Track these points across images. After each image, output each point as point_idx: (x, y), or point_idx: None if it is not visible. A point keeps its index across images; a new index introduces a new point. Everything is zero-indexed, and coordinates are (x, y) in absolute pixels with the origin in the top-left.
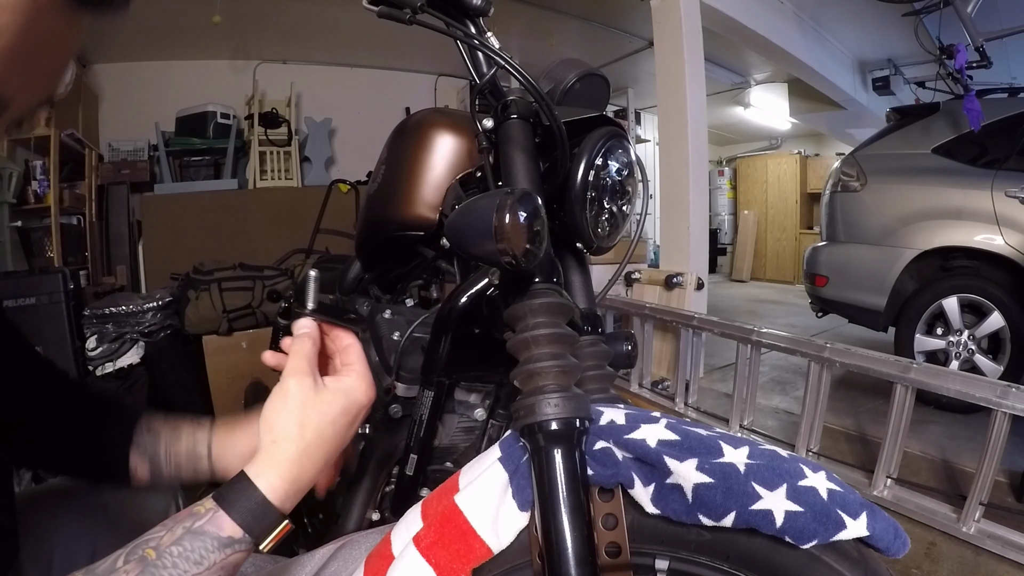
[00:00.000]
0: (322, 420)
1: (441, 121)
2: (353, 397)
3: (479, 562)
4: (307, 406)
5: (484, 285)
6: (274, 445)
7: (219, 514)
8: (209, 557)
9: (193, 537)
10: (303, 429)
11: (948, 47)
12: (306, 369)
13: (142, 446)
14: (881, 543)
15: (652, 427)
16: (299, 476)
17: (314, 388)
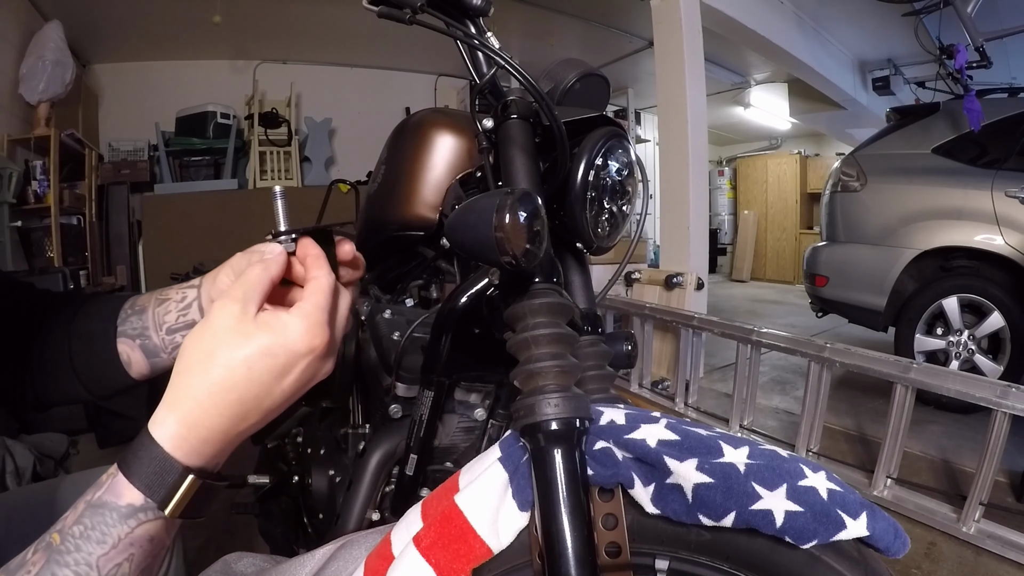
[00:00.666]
0: (234, 355)
1: (441, 121)
2: (283, 338)
3: (479, 562)
4: (221, 336)
5: (484, 285)
6: (178, 378)
7: (118, 478)
8: (111, 532)
9: (93, 512)
10: (209, 363)
11: (948, 47)
12: (237, 296)
13: (130, 330)
14: (881, 543)
15: (652, 427)
16: (201, 421)
17: (238, 317)
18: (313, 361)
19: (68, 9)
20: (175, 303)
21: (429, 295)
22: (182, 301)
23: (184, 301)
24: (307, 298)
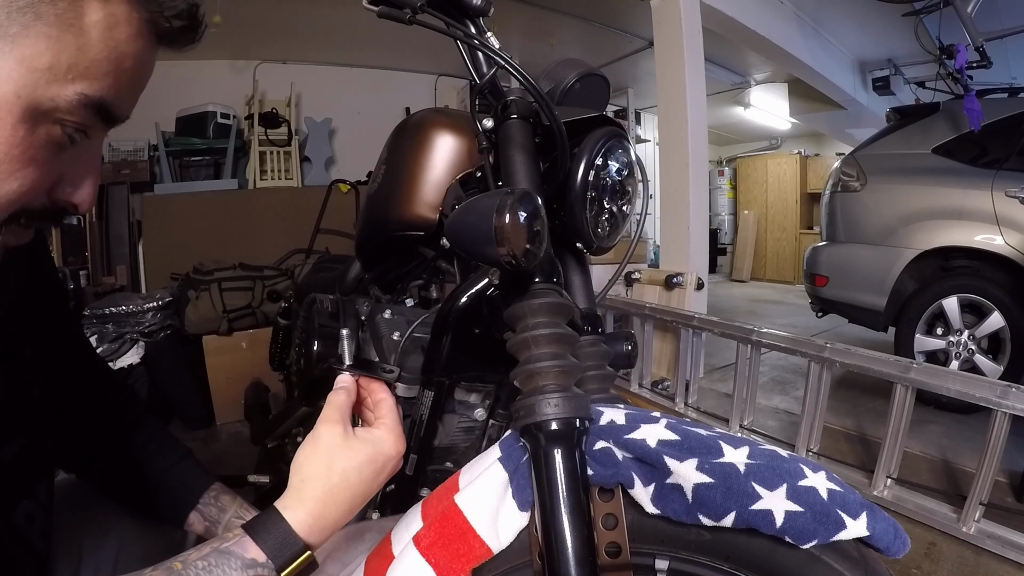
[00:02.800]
0: (348, 465)
1: (441, 121)
2: (380, 448)
3: (479, 562)
4: (334, 451)
5: (484, 285)
6: (302, 483)
7: (245, 539)
8: (230, 574)
9: (219, 555)
10: (329, 472)
11: (948, 47)
12: (337, 418)
13: (207, 514)
14: (881, 543)
15: (652, 427)
16: (323, 513)
17: (343, 436)
18: (399, 459)
19: None
20: None
21: (429, 295)
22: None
23: None
24: (385, 415)
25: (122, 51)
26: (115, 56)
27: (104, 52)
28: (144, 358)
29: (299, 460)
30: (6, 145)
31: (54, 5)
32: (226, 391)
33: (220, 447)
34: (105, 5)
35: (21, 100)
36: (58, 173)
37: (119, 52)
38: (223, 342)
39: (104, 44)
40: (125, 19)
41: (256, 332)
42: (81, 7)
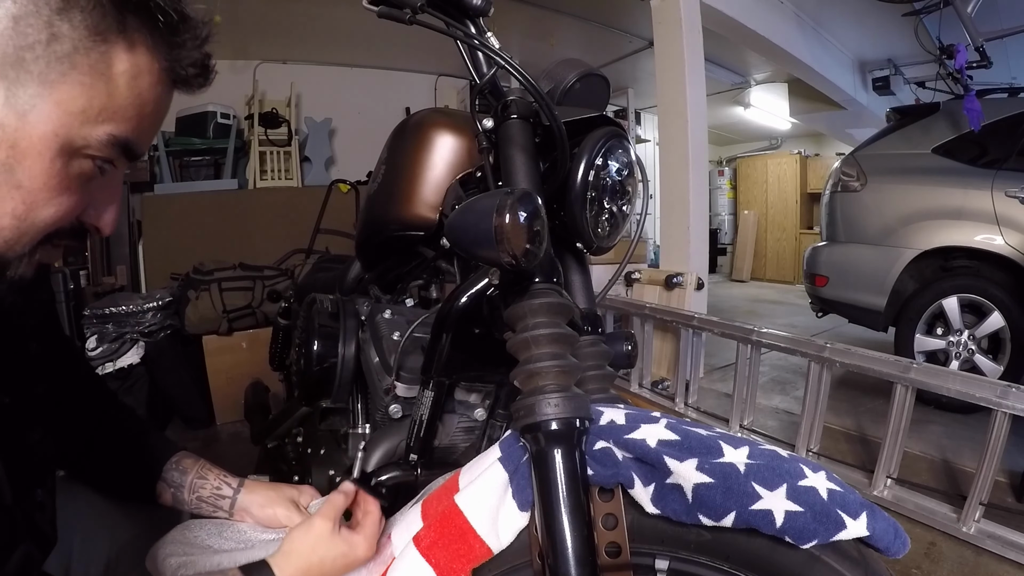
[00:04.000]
0: (326, 554)
1: (441, 121)
2: (354, 550)
3: (479, 562)
4: (320, 540)
5: (484, 285)
6: (289, 553)
7: None
8: None
9: None
10: (312, 553)
11: (948, 47)
12: (331, 515)
13: (169, 479)
14: (881, 543)
15: (652, 427)
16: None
17: (330, 531)
18: (366, 560)
19: None
20: (212, 486)
21: (429, 295)
22: (219, 490)
23: (220, 491)
24: (367, 526)
25: (145, 97)
26: (139, 101)
27: (129, 98)
28: (144, 358)
29: (293, 535)
30: (45, 176)
31: (88, 56)
32: (226, 391)
33: (220, 447)
34: (131, 57)
35: (59, 138)
36: (87, 200)
37: (142, 98)
38: (223, 342)
39: (129, 91)
40: (147, 69)
41: (256, 332)
42: (110, 58)
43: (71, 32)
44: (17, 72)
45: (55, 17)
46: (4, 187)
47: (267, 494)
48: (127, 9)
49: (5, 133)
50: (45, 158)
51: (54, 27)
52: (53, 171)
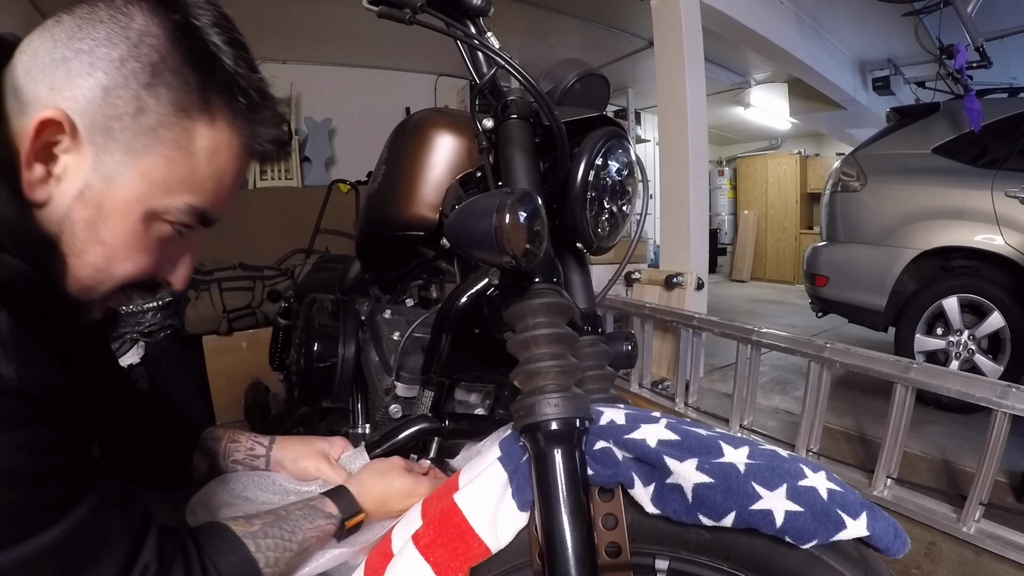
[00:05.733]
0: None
1: (441, 121)
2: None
3: (477, 561)
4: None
5: (484, 285)
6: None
7: (326, 500)
8: (316, 522)
9: (309, 509)
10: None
11: (948, 47)
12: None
13: (204, 449)
14: (881, 543)
15: (652, 427)
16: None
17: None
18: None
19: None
20: (245, 448)
21: (429, 295)
22: (252, 450)
23: (254, 451)
24: (434, 476)
25: (223, 170)
26: (217, 175)
27: (208, 172)
28: (144, 358)
29: (371, 465)
30: (126, 236)
31: (171, 130)
32: (226, 391)
33: None
34: (212, 133)
35: (141, 204)
36: (163, 258)
37: (221, 171)
38: (223, 342)
39: (209, 165)
40: (227, 144)
41: (256, 332)
42: (193, 134)
43: (157, 107)
44: (105, 140)
45: (143, 91)
46: (88, 242)
47: (298, 448)
48: (211, 88)
49: (92, 194)
50: (128, 220)
51: (141, 100)
52: (134, 232)
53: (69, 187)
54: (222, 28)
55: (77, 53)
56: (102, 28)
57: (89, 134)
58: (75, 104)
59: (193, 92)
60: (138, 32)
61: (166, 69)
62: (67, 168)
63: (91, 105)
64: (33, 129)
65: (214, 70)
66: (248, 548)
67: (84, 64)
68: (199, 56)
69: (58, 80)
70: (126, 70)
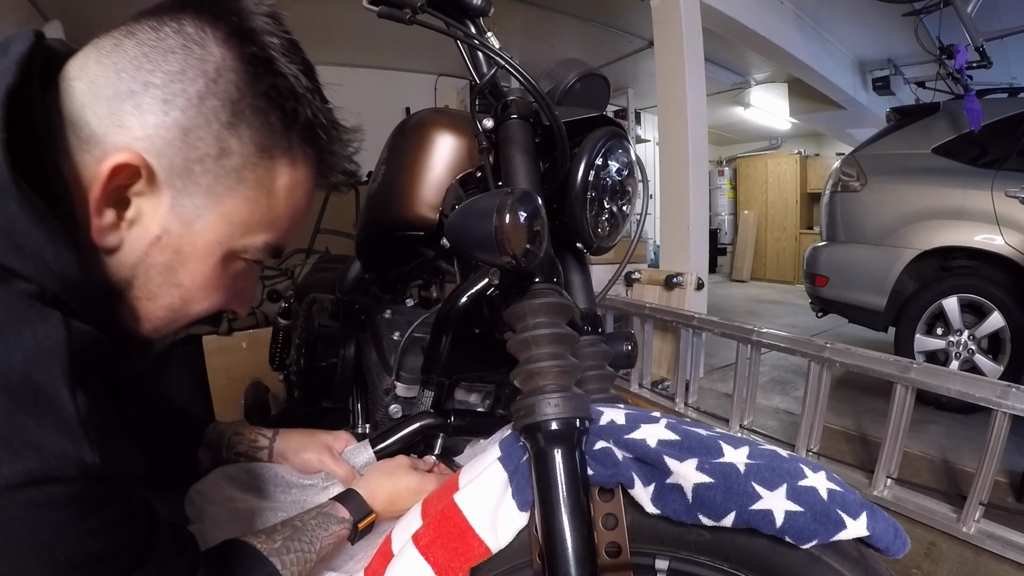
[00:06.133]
0: (400, 483)
1: (441, 121)
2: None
3: (477, 561)
4: (400, 469)
5: (484, 285)
6: (373, 481)
7: (337, 505)
8: (331, 528)
9: (323, 517)
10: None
11: (948, 47)
12: (407, 463)
13: (208, 442)
14: (881, 543)
15: (652, 427)
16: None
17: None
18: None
19: (68, 9)
20: (248, 440)
21: (429, 295)
22: (255, 442)
23: (256, 443)
24: (439, 473)
25: (299, 206)
26: (293, 211)
27: (286, 209)
28: None
29: (377, 466)
30: (205, 278)
31: (254, 171)
32: (226, 391)
33: None
34: (292, 171)
35: (221, 246)
36: (235, 291)
37: (297, 207)
38: (223, 342)
39: (287, 203)
40: (304, 181)
41: (256, 332)
42: (274, 173)
43: (240, 148)
44: (185, 183)
45: (225, 131)
46: (164, 285)
47: (302, 440)
48: (293, 128)
49: (170, 239)
50: (207, 263)
51: (224, 142)
52: (213, 274)
53: (144, 231)
54: (293, 57)
55: (147, 87)
56: (174, 60)
57: (168, 177)
58: (151, 146)
59: (276, 131)
60: (215, 66)
61: (247, 107)
62: (141, 212)
63: (170, 147)
64: (106, 174)
65: (296, 109)
66: (275, 566)
67: (157, 101)
68: (281, 93)
69: (127, 117)
70: (206, 108)
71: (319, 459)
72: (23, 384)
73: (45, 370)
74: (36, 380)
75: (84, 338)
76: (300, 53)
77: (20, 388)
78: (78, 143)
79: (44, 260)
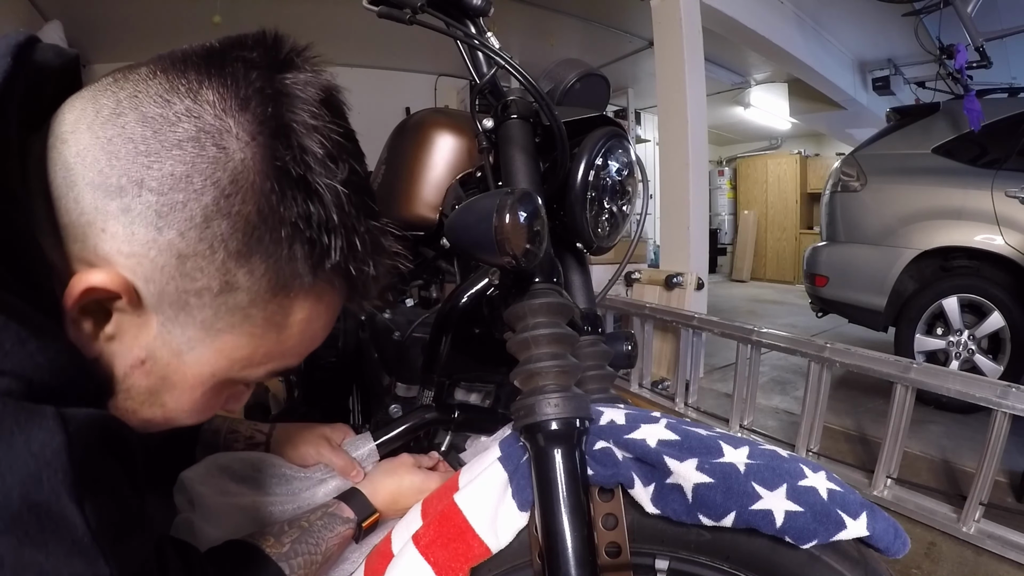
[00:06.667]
0: (404, 481)
1: (441, 121)
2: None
3: (477, 561)
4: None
5: (484, 285)
6: (377, 480)
7: (342, 505)
8: (336, 529)
9: (328, 517)
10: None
11: (948, 47)
12: (413, 457)
13: (203, 440)
14: (881, 543)
15: (652, 427)
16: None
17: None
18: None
19: (68, 9)
20: (244, 437)
21: (429, 295)
22: (251, 439)
23: (253, 439)
24: (441, 471)
25: (317, 335)
26: (309, 340)
27: (299, 341)
28: None
29: (380, 465)
30: (194, 404)
31: (264, 309)
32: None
33: None
34: (314, 306)
35: (215, 377)
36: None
37: (314, 337)
38: None
39: (302, 335)
40: (326, 312)
41: None
42: (290, 308)
43: (249, 283)
44: (176, 312)
45: (231, 263)
46: (147, 404)
47: (300, 434)
48: (322, 265)
49: (156, 365)
50: (196, 392)
51: (229, 275)
52: (204, 401)
53: (126, 350)
54: (338, 166)
55: (140, 189)
56: (179, 159)
57: (157, 303)
58: (138, 266)
59: (298, 267)
60: (232, 177)
61: (267, 233)
62: (122, 330)
63: (160, 273)
64: (78, 293)
65: (330, 243)
66: (284, 572)
67: (150, 211)
68: (312, 224)
69: (112, 222)
70: (211, 232)
71: (316, 451)
72: (24, 510)
73: (48, 488)
74: (38, 501)
75: (88, 432)
76: (347, 157)
77: (22, 516)
78: (59, 228)
79: (28, 352)
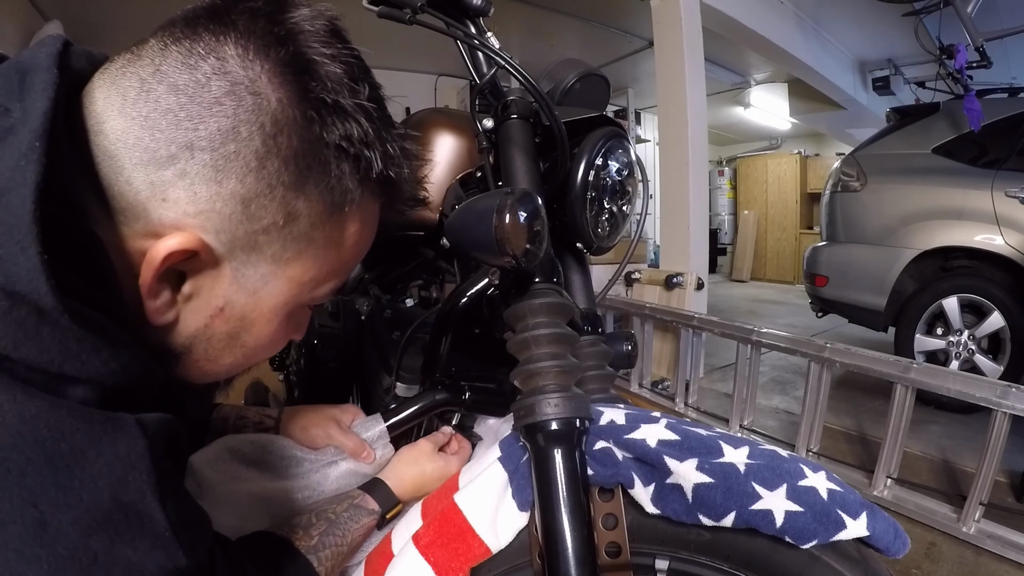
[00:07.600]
0: (427, 468)
1: (441, 121)
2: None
3: (477, 561)
4: (423, 455)
5: (484, 285)
6: (399, 469)
7: (367, 497)
8: (361, 521)
9: (353, 509)
10: (417, 466)
11: (948, 47)
12: (434, 440)
13: (213, 429)
14: (881, 543)
15: (652, 427)
16: (404, 482)
17: (432, 450)
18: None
19: (68, 9)
20: (253, 423)
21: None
22: (260, 424)
23: (262, 424)
24: (461, 453)
25: (366, 244)
26: (361, 252)
27: (354, 253)
28: None
29: (401, 453)
30: (270, 336)
31: (324, 229)
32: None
33: None
34: (363, 216)
35: (288, 305)
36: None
37: (364, 246)
38: None
39: (355, 248)
40: (372, 220)
41: None
42: (345, 224)
43: (308, 209)
44: (248, 254)
45: (290, 194)
46: (227, 349)
47: (309, 416)
48: (368, 178)
49: (234, 309)
50: (272, 324)
51: (289, 206)
52: (281, 330)
53: (204, 304)
54: (361, 86)
55: (191, 151)
56: (221, 115)
57: (229, 251)
58: (207, 222)
59: (347, 184)
60: (273, 119)
61: (316, 160)
62: (200, 287)
63: (228, 221)
64: (159, 261)
65: (372, 158)
66: (312, 564)
67: (207, 168)
68: (353, 142)
69: (172, 189)
70: (267, 172)
71: (326, 433)
72: (115, 510)
73: (134, 488)
74: (127, 502)
75: (161, 436)
76: (367, 75)
77: (112, 515)
78: (114, 213)
79: (102, 360)
